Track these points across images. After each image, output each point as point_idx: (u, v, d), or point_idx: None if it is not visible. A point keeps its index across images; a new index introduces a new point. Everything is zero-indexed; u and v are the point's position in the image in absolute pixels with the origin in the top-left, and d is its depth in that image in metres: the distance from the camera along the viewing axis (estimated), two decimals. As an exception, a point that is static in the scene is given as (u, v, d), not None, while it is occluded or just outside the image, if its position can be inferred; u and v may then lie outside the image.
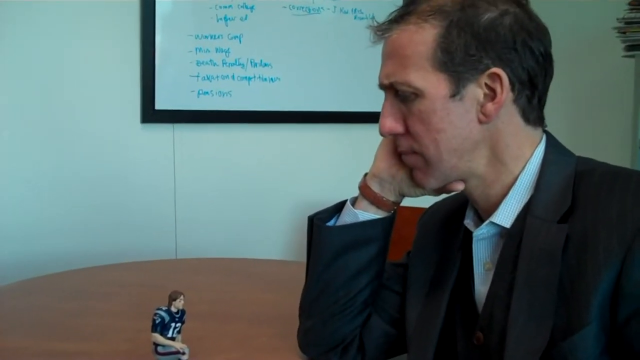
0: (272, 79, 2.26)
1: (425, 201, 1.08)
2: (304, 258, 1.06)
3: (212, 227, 2.26)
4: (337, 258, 0.99)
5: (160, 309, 0.92)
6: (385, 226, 1.00)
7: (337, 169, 2.36)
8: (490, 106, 0.83)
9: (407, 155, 0.91)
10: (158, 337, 0.92)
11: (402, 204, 1.02)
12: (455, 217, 0.97)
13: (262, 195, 2.31)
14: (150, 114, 2.15)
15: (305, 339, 1.06)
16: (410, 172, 0.94)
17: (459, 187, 0.89)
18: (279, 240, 2.33)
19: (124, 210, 2.16)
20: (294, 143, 2.34)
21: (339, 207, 1.03)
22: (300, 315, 1.08)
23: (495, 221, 0.86)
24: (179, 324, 0.94)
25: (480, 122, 0.84)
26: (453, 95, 0.83)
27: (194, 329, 1.03)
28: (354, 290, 1.00)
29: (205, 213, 2.25)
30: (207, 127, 2.24)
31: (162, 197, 2.21)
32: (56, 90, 2.07)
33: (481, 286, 0.89)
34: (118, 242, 2.14)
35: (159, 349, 0.93)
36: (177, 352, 0.92)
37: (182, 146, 2.22)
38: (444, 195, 0.98)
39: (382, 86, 0.89)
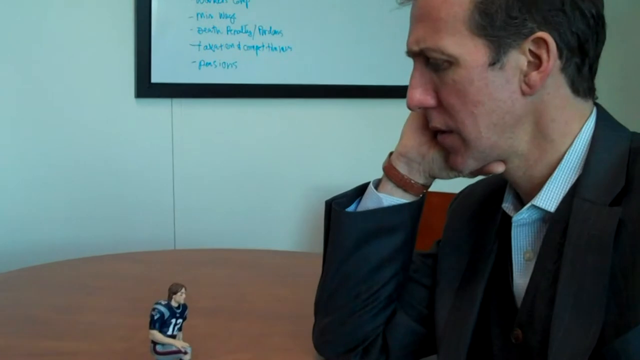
0: (282, 48, 2.25)
1: (456, 186, 1.08)
2: (318, 249, 1.07)
3: (215, 215, 2.26)
4: (358, 248, 0.99)
5: (159, 304, 0.93)
6: (412, 212, 1.00)
7: (356, 149, 2.36)
8: (534, 75, 0.82)
9: (443, 135, 0.90)
10: (157, 335, 0.92)
11: (429, 189, 1.01)
12: (491, 200, 0.97)
13: (271, 180, 2.31)
14: (146, 87, 2.15)
15: (322, 339, 1.07)
16: (443, 151, 0.94)
17: (499, 168, 0.88)
18: (290, 230, 2.33)
19: (116, 196, 2.17)
20: (307, 120, 2.33)
21: (360, 191, 1.03)
22: (316, 312, 1.08)
23: (537, 204, 0.85)
24: (180, 320, 0.94)
25: (523, 93, 0.83)
26: (492, 64, 0.82)
27: (196, 327, 1.04)
28: (376, 283, 1.00)
29: (207, 199, 2.26)
30: (209, 102, 2.23)
31: (159, 181, 2.22)
32: (39, 62, 2.07)
33: (521, 278, 0.89)
34: (110, 231, 2.15)
35: (158, 347, 0.93)
36: (179, 352, 0.93)
37: (181, 124, 2.22)
38: (478, 178, 0.97)
39: (410, 53, 0.88)
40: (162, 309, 0.92)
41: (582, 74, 0.85)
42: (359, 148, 2.36)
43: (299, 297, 1.38)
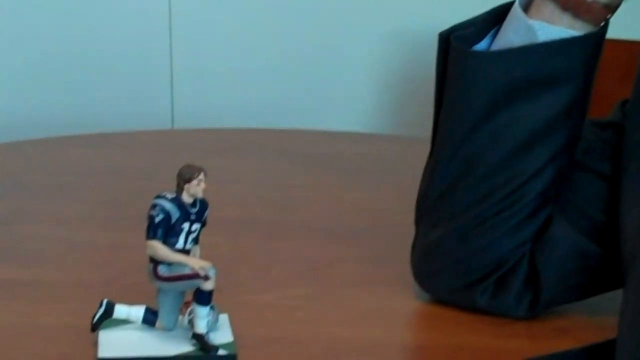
0: None
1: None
2: (411, 130, 1.05)
3: (235, 77, 2.26)
4: (495, 112, 0.99)
5: (163, 198, 0.91)
6: (586, 52, 0.99)
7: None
8: None
9: None
10: (159, 248, 0.90)
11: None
12: None
13: (327, 20, 2.30)
14: None
15: (427, 264, 1.07)
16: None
17: None
18: (362, 101, 2.32)
19: (89, 53, 2.20)
20: None
21: (496, 17, 1.02)
22: (417, 222, 1.08)
23: None
24: (196, 226, 0.93)
25: None
26: None
27: (218, 247, 1.04)
28: (522, 172, 1.00)
29: (222, 51, 2.25)
30: None
31: (149, 27, 2.24)
32: None
33: None
34: (76, 102, 2.17)
35: (161, 269, 0.92)
36: (194, 276, 0.91)
37: None
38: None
39: None
40: (168, 206, 0.91)
41: None
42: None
43: (383, 201, 1.39)
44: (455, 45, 1.00)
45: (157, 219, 0.90)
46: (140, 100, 2.22)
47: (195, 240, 0.94)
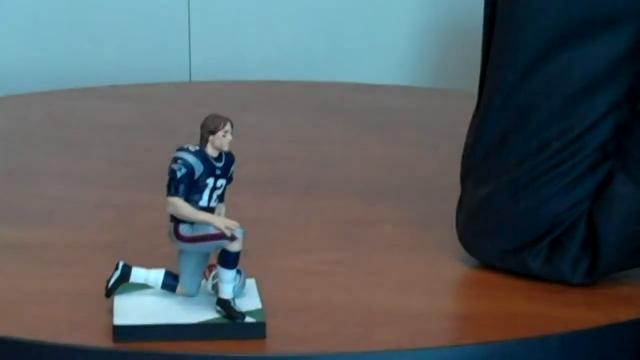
0: None
1: None
2: (453, 83, 1.04)
3: (258, 23, 2.25)
4: (551, 54, 0.98)
5: (186, 151, 0.91)
6: None
7: None
8: None
9: None
10: (181, 206, 0.91)
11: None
12: None
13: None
14: None
15: (475, 226, 1.07)
16: None
17: None
18: (396, 51, 2.30)
19: (106, 5, 2.18)
20: None
21: None
22: (463, 178, 1.08)
23: None
24: (222, 182, 0.93)
25: None
26: None
27: (244, 208, 1.05)
28: (580, 123, 0.99)
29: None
30: None
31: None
32: None
33: None
34: (93, 53, 2.17)
35: (183, 229, 0.92)
36: (220, 237, 0.91)
37: None
38: None
39: None
40: (191, 159, 0.91)
41: None
42: None
43: (425, 158, 1.39)
44: None
45: (180, 174, 0.90)
46: (155, 50, 2.21)
47: (221, 198, 0.94)
